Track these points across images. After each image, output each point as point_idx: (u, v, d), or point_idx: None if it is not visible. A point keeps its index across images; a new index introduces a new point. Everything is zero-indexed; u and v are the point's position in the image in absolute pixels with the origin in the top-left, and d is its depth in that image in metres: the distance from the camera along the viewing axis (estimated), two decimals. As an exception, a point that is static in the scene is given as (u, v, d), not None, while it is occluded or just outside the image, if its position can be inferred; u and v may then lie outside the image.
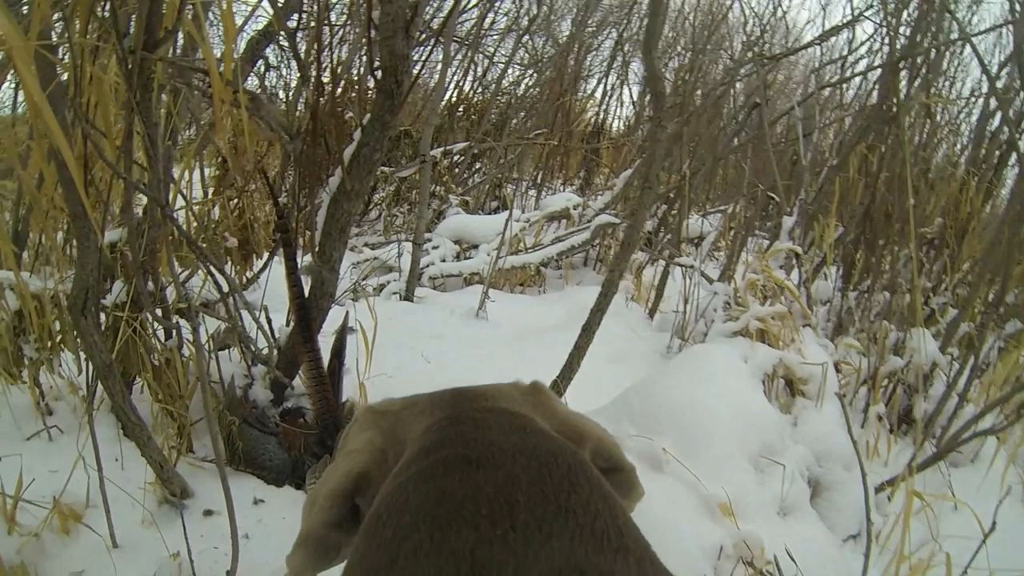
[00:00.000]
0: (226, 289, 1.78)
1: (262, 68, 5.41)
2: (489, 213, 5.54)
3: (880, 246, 3.53)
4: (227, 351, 2.05)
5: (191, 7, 1.50)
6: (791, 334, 2.54)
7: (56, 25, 1.27)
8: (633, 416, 2.10)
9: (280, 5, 2.15)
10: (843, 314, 3.55)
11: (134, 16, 1.32)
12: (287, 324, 2.01)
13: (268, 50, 4.97)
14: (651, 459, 1.97)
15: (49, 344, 2.03)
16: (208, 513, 1.81)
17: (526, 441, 0.56)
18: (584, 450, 0.68)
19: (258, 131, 1.76)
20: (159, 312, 1.84)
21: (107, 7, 1.31)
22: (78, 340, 1.63)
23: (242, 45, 2.49)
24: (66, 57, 1.35)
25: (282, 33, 2.37)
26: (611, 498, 0.50)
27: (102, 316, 1.87)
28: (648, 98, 6.96)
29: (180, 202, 2.01)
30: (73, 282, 1.46)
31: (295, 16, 3.11)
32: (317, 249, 1.76)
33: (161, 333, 1.96)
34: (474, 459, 0.51)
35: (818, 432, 2.29)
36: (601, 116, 7.97)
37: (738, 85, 5.98)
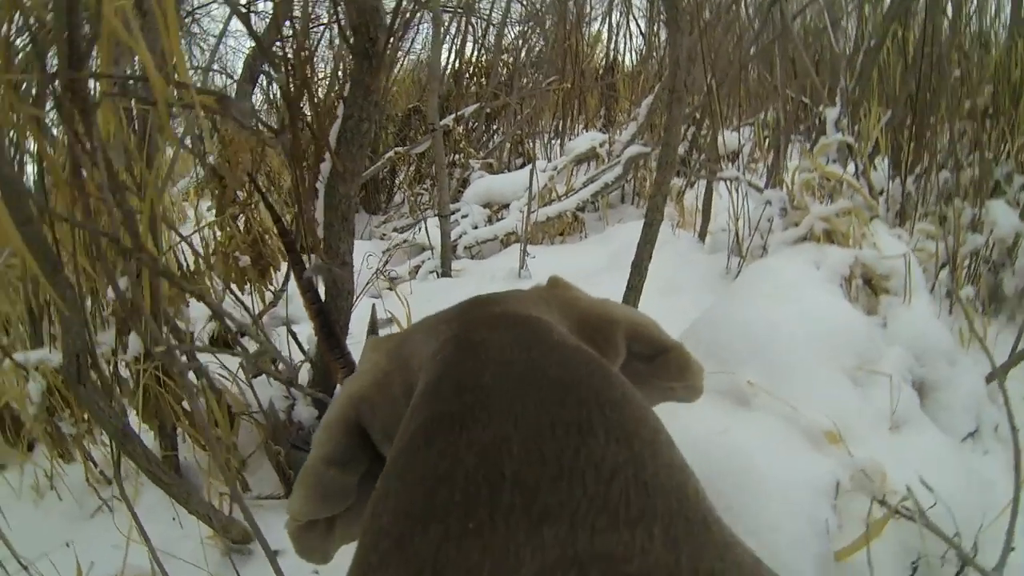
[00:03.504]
0: (230, 325, 1.63)
1: (265, 83, 5.29)
2: (515, 170, 5.34)
3: (931, 124, 3.26)
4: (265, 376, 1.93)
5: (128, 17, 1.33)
6: (860, 229, 2.31)
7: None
8: (707, 350, 1.83)
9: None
10: (904, 201, 3.29)
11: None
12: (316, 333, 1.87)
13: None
14: (736, 395, 1.74)
15: (84, 416, 1.93)
16: (275, 553, 1.69)
17: (532, 367, 0.46)
18: (617, 337, 0.62)
19: (235, 132, 1.61)
20: (182, 356, 1.71)
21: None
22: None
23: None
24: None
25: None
26: (638, 437, 0.39)
27: (126, 372, 1.77)
28: (660, 10, 6.66)
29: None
30: (62, 350, 1.31)
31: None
32: (322, 245, 1.60)
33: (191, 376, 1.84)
34: (459, 417, 0.42)
35: (912, 329, 2.04)
36: (612, 55, 7.69)
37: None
